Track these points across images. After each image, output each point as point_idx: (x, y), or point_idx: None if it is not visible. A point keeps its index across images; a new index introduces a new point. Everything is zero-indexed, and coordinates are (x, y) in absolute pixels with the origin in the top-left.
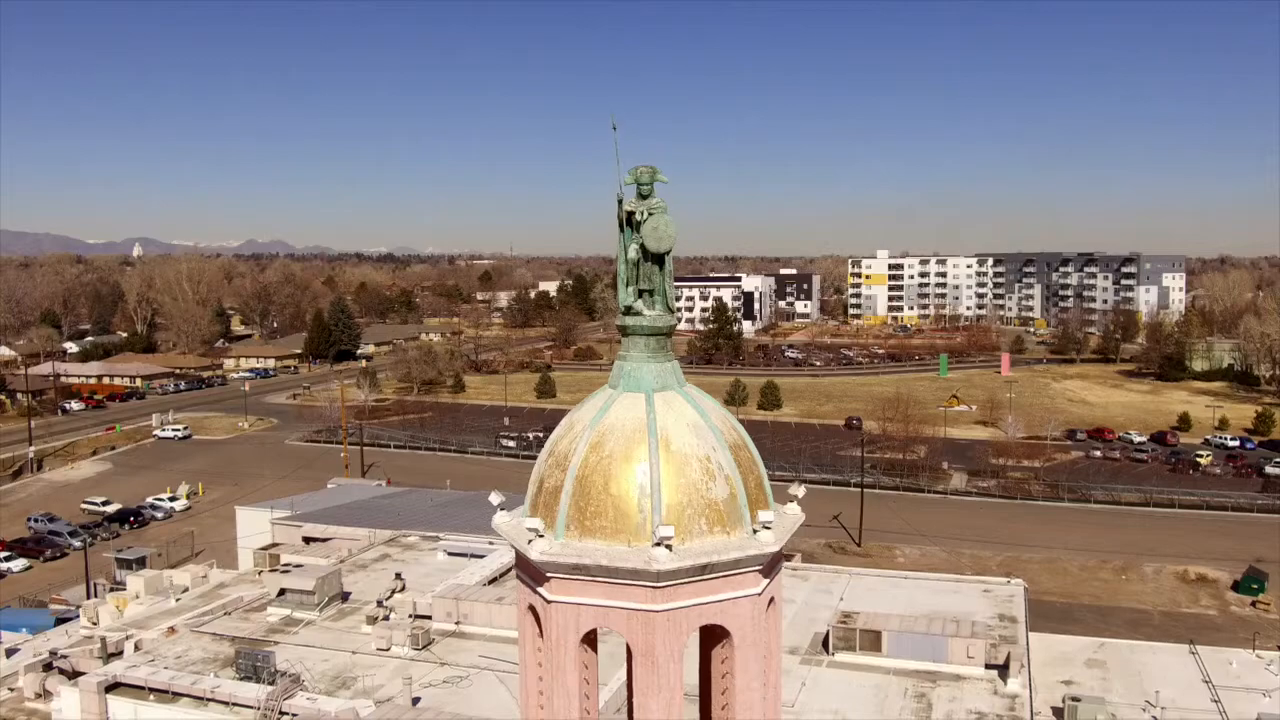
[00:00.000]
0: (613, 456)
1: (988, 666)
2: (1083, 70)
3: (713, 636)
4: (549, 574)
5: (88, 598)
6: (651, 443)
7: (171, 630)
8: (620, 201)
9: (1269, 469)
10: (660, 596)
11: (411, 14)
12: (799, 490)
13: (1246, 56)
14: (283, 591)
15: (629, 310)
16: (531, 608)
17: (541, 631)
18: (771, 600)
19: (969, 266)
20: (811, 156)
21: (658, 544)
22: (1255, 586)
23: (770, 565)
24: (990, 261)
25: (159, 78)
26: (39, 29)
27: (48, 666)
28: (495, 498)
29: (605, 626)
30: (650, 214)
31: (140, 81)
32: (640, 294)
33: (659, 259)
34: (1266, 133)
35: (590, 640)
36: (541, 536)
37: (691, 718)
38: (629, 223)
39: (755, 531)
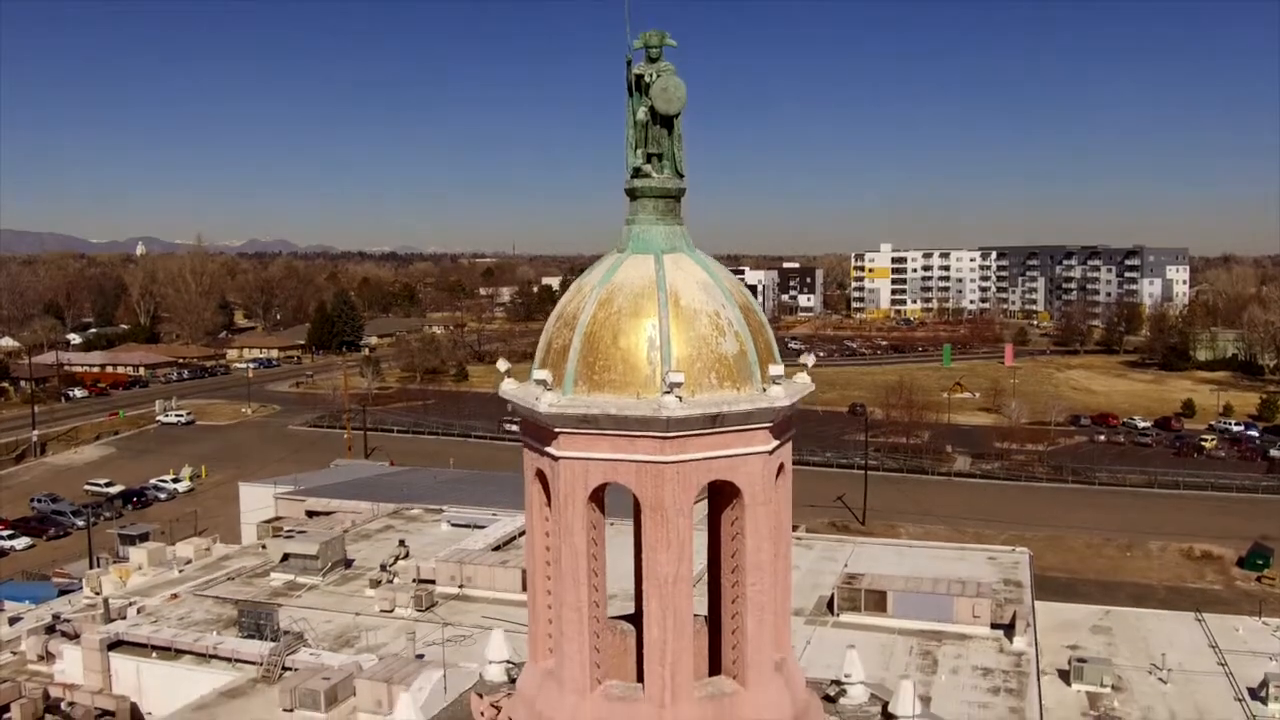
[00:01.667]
0: (621, 312)
1: (993, 626)
2: (1086, 67)
3: (722, 499)
4: (557, 428)
5: (90, 569)
6: (661, 298)
7: (174, 597)
8: (629, 64)
9: (1273, 452)
10: (670, 448)
11: (412, 14)
12: (809, 359)
13: (1251, 55)
14: (286, 557)
15: (637, 173)
16: (539, 473)
17: (549, 498)
18: (781, 467)
19: (972, 260)
20: (812, 154)
21: (668, 392)
22: (1260, 562)
23: (781, 427)
24: (994, 255)
25: (161, 77)
26: (40, 29)
27: (50, 630)
28: (502, 364)
29: (614, 480)
30: (659, 76)
31: (142, 81)
32: (649, 158)
33: (668, 122)
34: (1271, 131)
35: (598, 501)
36: (550, 390)
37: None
38: (637, 86)
39: (765, 389)
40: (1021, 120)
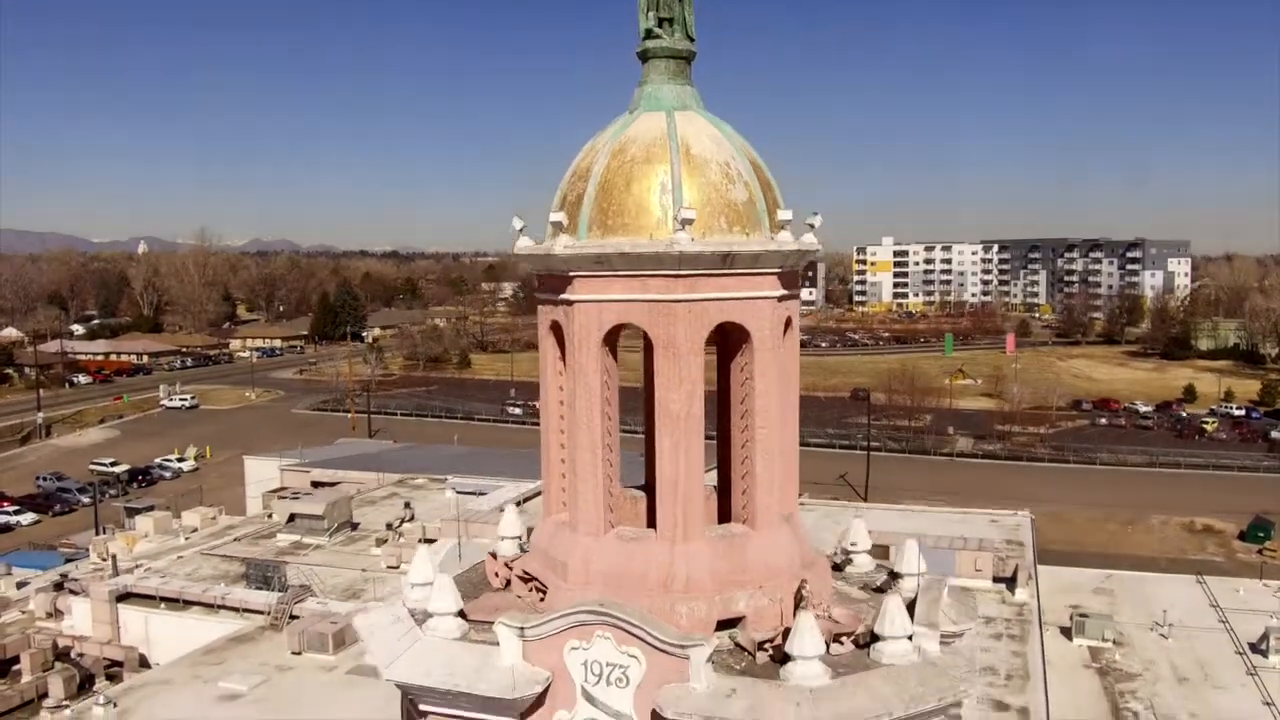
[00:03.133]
0: (634, 160)
1: (995, 580)
2: (1089, 61)
3: (731, 347)
4: (572, 272)
5: (96, 536)
6: (672, 146)
7: (180, 560)
8: None
9: (1275, 434)
10: (681, 286)
11: (411, 15)
12: (816, 219)
13: (1256, 52)
14: (292, 517)
15: (649, 34)
16: (554, 325)
17: (563, 351)
18: (789, 321)
19: (974, 253)
20: (812, 149)
21: (680, 229)
22: (1261, 535)
23: (789, 278)
24: (995, 248)
25: (163, 76)
26: (42, 28)
27: (58, 587)
28: (517, 222)
29: (628, 320)
30: None
31: (144, 80)
32: (660, 21)
33: None
34: (1274, 130)
35: (611, 346)
36: (565, 234)
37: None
38: None
39: (774, 237)
40: (1023, 114)
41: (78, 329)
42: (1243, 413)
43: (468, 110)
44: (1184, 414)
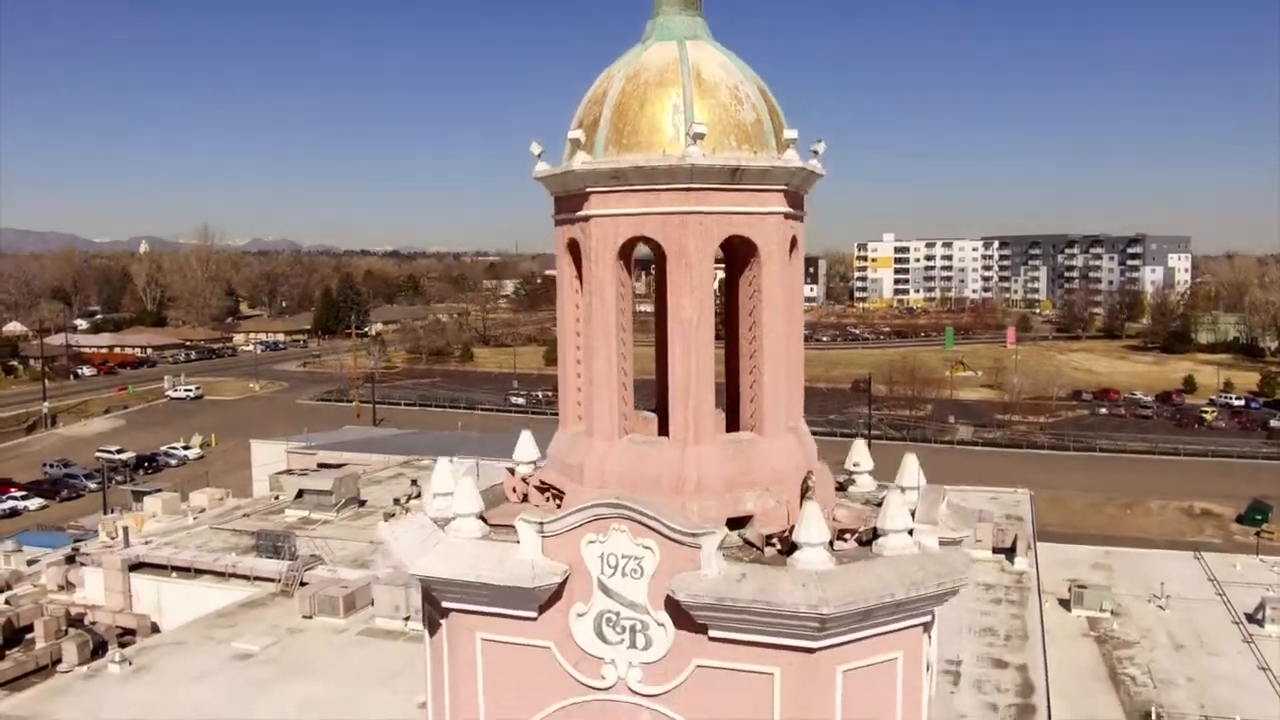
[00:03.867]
0: (648, 84)
1: (995, 551)
2: (1090, 57)
3: (739, 265)
4: (588, 188)
5: (105, 516)
6: (684, 71)
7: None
8: None
9: (1273, 423)
10: (692, 199)
11: (412, 13)
12: (821, 145)
13: (1257, 50)
14: (301, 493)
15: None
16: (570, 244)
17: (580, 270)
18: (794, 242)
19: (975, 249)
20: (812, 145)
21: (691, 144)
22: (1259, 517)
23: (795, 199)
24: (996, 244)
25: (163, 75)
26: (43, 30)
27: (69, 560)
28: (536, 147)
29: (642, 233)
30: None
31: (144, 79)
32: None
33: None
34: (1275, 127)
35: (625, 261)
36: (582, 152)
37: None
38: None
39: (781, 155)
40: (1025, 111)
41: (81, 323)
42: (1242, 403)
43: (469, 109)
44: (1183, 404)
